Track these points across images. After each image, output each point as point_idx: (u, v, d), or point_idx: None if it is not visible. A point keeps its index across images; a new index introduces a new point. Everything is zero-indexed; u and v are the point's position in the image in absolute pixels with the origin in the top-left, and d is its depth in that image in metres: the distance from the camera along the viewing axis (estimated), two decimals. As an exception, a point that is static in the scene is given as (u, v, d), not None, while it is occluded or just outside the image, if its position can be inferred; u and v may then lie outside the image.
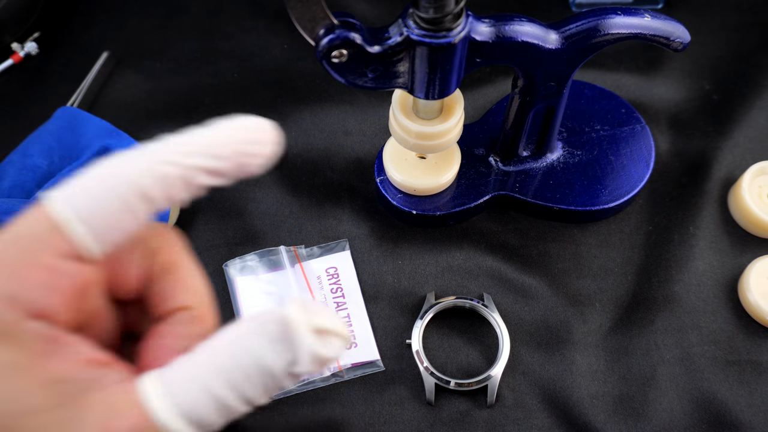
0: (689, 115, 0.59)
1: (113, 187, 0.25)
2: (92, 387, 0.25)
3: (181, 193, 0.26)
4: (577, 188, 0.53)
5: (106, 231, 0.26)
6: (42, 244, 0.25)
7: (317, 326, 0.25)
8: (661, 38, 0.43)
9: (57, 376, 0.25)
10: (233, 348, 0.25)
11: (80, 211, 0.25)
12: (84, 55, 0.61)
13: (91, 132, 0.54)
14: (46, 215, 0.25)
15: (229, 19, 0.64)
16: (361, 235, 0.53)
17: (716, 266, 0.52)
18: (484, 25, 0.41)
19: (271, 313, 0.25)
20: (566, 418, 0.47)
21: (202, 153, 0.26)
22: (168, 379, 0.25)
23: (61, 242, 0.25)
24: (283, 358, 0.25)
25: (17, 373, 0.24)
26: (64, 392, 0.25)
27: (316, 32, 0.39)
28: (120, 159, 0.26)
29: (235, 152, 0.27)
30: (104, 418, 0.25)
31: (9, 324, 0.25)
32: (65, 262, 0.25)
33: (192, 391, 0.25)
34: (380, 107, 0.59)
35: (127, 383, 0.26)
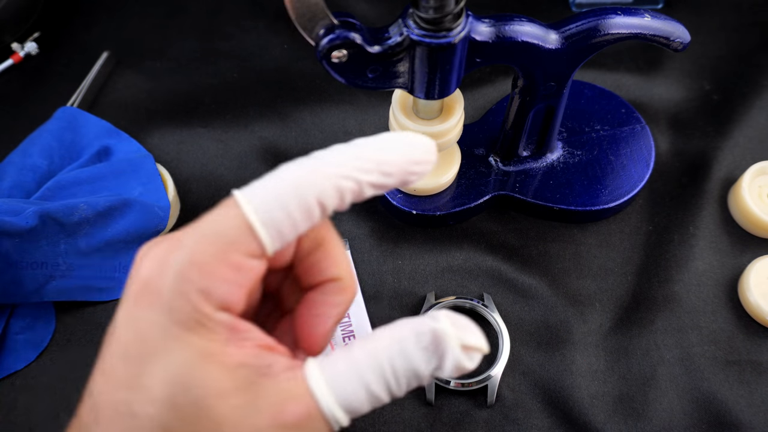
0: (689, 115, 0.59)
1: (299, 195, 0.28)
2: (266, 373, 0.28)
3: (349, 200, 0.29)
4: (577, 188, 0.53)
5: (285, 233, 0.28)
6: (234, 243, 0.28)
7: (465, 343, 0.28)
8: (661, 38, 0.43)
9: (238, 362, 0.28)
10: (390, 351, 0.28)
11: (268, 214, 0.28)
12: (84, 55, 0.61)
13: (91, 132, 0.54)
14: (240, 216, 0.28)
15: (229, 19, 0.64)
16: (361, 235, 0.53)
17: (716, 266, 0.52)
18: (484, 25, 0.41)
19: (426, 325, 0.28)
20: (566, 418, 0.47)
21: (377, 170, 0.29)
22: (330, 372, 0.28)
23: (250, 243, 0.28)
24: (431, 365, 0.28)
25: (209, 359, 0.27)
26: (244, 377, 0.28)
27: (315, 32, 0.39)
28: (306, 167, 0.28)
29: (402, 171, 0.29)
30: (278, 404, 0.28)
31: (204, 315, 0.27)
32: (250, 261, 0.28)
33: (351, 385, 0.28)
34: (380, 107, 0.59)
35: (295, 371, 0.29)
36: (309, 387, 0.28)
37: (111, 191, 0.51)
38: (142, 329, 0.27)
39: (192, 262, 0.27)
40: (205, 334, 0.27)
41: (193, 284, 0.27)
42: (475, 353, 0.29)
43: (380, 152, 0.29)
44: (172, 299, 0.27)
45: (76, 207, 0.48)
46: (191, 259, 0.27)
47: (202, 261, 0.27)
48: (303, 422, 0.28)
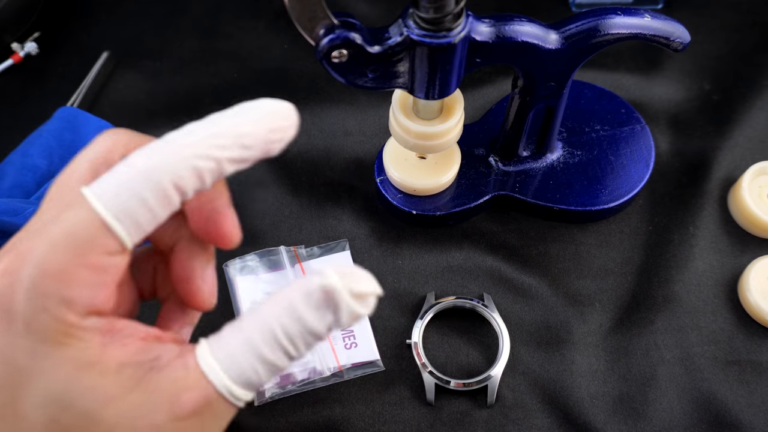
0: (689, 115, 0.59)
1: (153, 183, 0.26)
2: (155, 366, 0.27)
3: (210, 181, 0.27)
4: (577, 188, 0.53)
5: (143, 224, 0.27)
6: (90, 244, 0.26)
7: (356, 291, 0.27)
8: (661, 38, 0.43)
9: (121, 363, 0.27)
10: (281, 317, 0.27)
11: (121, 207, 0.26)
12: (84, 55, 0.61)
13: (91, 132, 0.54)
14: (91, 213, 0.26)
15: (229, 19, 0.64)
16: (361, 235, 0.53)
17: (716, 266, 0.52)
18: (484, 25, 0.41)
19: (314, 283, 0.27)
20: (566, 418, 0.47)
21: (233, 144, 0.27)
22: (222, 351, 0.27)
23: (106, 240, 0.26)
24: (326, 321, 0.27)
25: (86, 369, 0.26)
26: (130, 377, 0.27)
27: (316, 32, 0.39)
28: (156, 151, 0.26)
29: (262, 140, 0.28)
30: (172, 395, 0.27)
31: (71, 325, 0.26)
32: (110, 258, 0.27)
33: (247, 360, 0.27)
34: (380, 107, 0.59)
35: (185, 357, 0.27)
36: (202, 371, 0.27)
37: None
38: (6, 356, 0.25)
39: (45, 273, 0.25)
40: (77, 345, 0.26)
41: (52, 296, 0.25)
42: (369, 298, 0.28)
43: (236, 126, 0.27)
44: (31, 318, 0.25)
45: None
46: (44, 269, 0.25)
47: (57, 269, 0.25)
48: (202, 409, 0.27)
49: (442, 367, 0.49)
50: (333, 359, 0.48)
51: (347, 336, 0.49)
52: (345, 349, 0.49)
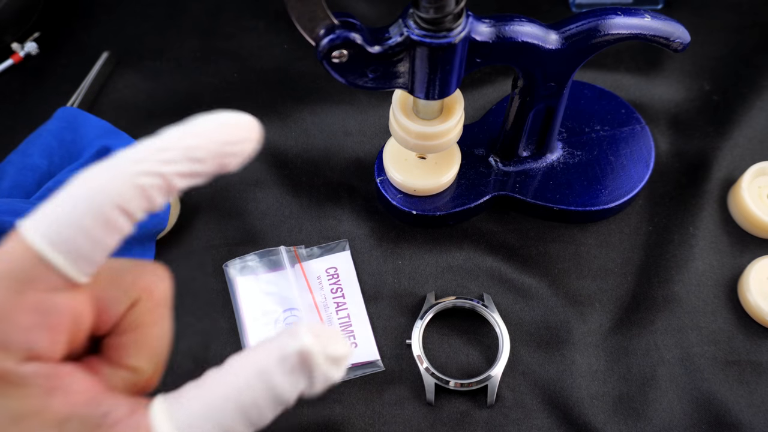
0: (689, 115, 0.59)
1: (93, 207, 0.24)
2: (101, 424, 0.25)
3: (160, 199, 0.25)
4: (577, 188, 0.53)
5: (89, 253, 0.24)
6: (26, 281, 0.24)
7: (331, 355, 0.26)
8: (661, 38, 0.43)
9: (64, 415, 0.24)
10: (253, 387, 0.25)
11: (59, 237, 0.24)
12: (84, 55, 0.61)
13: (91, 132, 0.54)
14: (26, 247, 0.24)
15: (229, 19, 0.64)
16: (361, 235, 0.53)
17: (716, 266, 0.53)
18: (484, 26, 0.41)
19: (290, 347, 0.25)
20: (566, 418, 0.47)
21: (182, 158, 0.25)
22: (180, 415, 0.25)
23: (46, 275, 0.24)
24: (299, 387, 0.26)
25: (24, 421, 0.24)
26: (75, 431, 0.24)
27: (316, 32, 0.39)
28: (95, 175, 0.24)
29: (215, 154, 0.26)
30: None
31: (6, 372, 0.24)
32: (53, 296, 0.24)
33: (205, 428, 0.25)
34: (380, 107, 0.59)
35: (136, 416, 0.25)
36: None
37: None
38: None
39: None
40: (14, 393, 0.23)
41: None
42: (342, 361, 0.26)
43: (184, 138, 0.25)
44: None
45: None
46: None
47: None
48: None
49: (442, 367, 0.49)
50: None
51: (347, 336, 0.49)
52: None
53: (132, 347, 0.27)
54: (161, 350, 0.28)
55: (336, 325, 0.50)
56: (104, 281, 0.27)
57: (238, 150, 0.26)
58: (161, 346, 0.28)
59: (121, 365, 0.27)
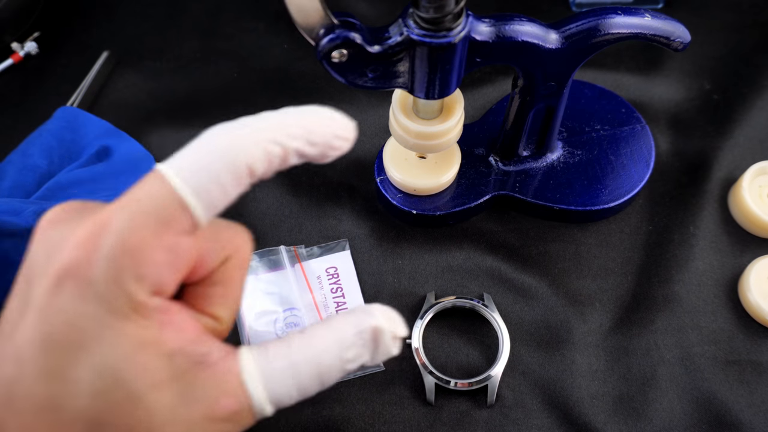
0: (689, 115, 0.59)
1: (230, 161, 0.27)
2: (202, 362, 0.27)
3: (276, 167, 0.28)
4: (577, 188, 0.53)
5: (215, 201, 0.27)
6: (168, 222, 0.26)
7: (396, 335, 0.30)
8: (661, 38, 0.43)
9: (175, 349, 0.27)
10: (331, 353, 0.29)
11: (197, 185, 0.26)
12: (84, 55, 0.61)
13: (91, 132, 0.54)
14: (170, 190, 0.26)
15: (229, 19, 0.64)
16: (361, 235, 0.53)
17: (716, 266, 0.52)
18: (484, 25, 0.41)
19: (367, 322, 0.29)
20: (566, 418, 0.47)
21: (303, 137, 0.28)
22: (266, 367, 0.28)
23: (182, 219, 0.27)
24: (365, 358, 0.30)
25: (145, 348, 0.26)
26: (179, 366, 0.27)
27: (316, 32, 0.39)
28: (231, 132, 0.27)
29: (326, 142, 0.29)
30: (212, 397, 0.27)
31: (139, 302, 0.26)
32: (183, 239, 0.27)
33: (287, 384, 0.28)
34: (380, 107, 0.59)
35: (230, 361, 0.28)
36: (244, 383, 0.28)
37: (111, 191, 0.51)
38: (72, 320, 0.26)
39: (125, 248, 0.26)
40: (140, 322, 0.26)
41: (128, 271, 0.26)
42: (399, 342, 0.30)
43: (307, 121, 0.28)
44: (105, 288, 0.26)
45: (76, 207, 0.48)
46: (124, 243, 0.26)
47: (136, 246, 0.26)
48: (234, 416, 0.28)
49: (442, 367, 0.49)
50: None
51: (347, 336, 0.49)
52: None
53: (219, 298, 0.30)
54: (238, 304, 0.31)
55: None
56: (206, 234, 0.29)
57: (340, 145, 0.29)
58: (239, 300, 0.31)
59: (206, 313, 0.30)
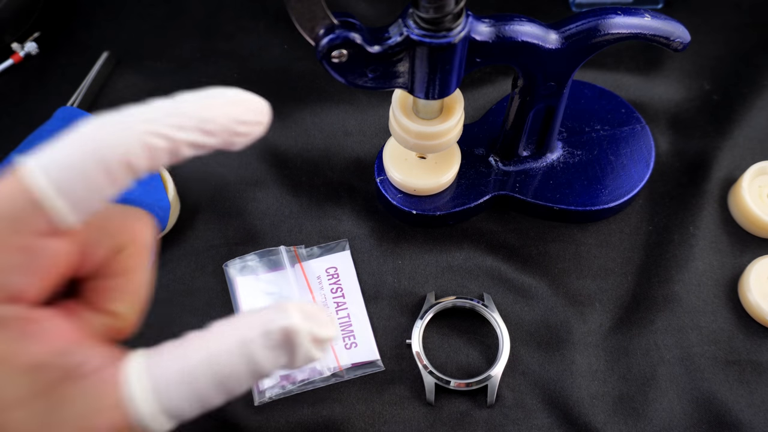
0: (689, 115, 0.59)
1: (98, 157, 0.23)
2: (72, 375, 0.24)
3: (163, 162, 0.25)
4: (577, 188, 0.53)
5: (86, 200, 0.24)
6: (19, 223, 0.23)
7: (317, 336, 0.25)
8: (661, 38, 0.43)
9: (37, 363, 0.23)
10: (233, 356, 0.25)
11: (61, 182, 0.23)
12: (84, 55, 0.61)
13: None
14: (25, 189, 0.23)
15: (229, 19, 0.64)
16: (361, 235, 0.53)
17: (716, 266, 0.52)
18: (484, 25, 0.41)
19: (276, 323, 0.25)
20: (566, 418, 0.47)
21: (194, 128, 0.25)
22: (156, 375, 0.24)
23: (39, 220, 0.23)
24: (279, 362, 0.25)
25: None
26: (43, 381, 0.23)
27: (316, 32, 0.39)
28: (104, 124, 0.24)
29: (225, 129, 0.26)
30: (84, 415, 0.23)
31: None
32: (42, 240, 0.24)
33: (181, 392, 0.24)
34: (380, 107, 0.59)
35: (111, 370, 0.24)
36: (129, 394, 0.24)
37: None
38: None
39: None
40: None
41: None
42: (326, 344, 0.26)
43: (201, 109, 0.25)
44: None
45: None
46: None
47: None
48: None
49: (442, 367, 0.49)
50: (333, 359, 0.48)
51: (347, 336, 0.49)
52: (345, 349, 0.49)
53: (115, 292, 0.27)
54: (142, 296, 0.28)
55: (336, 324, 0.50)
56: (91, 225, 0.26)
57: (247, 131, 0.26)
58: (143, 292, 0.28)
59: (103, 310, 0.27)
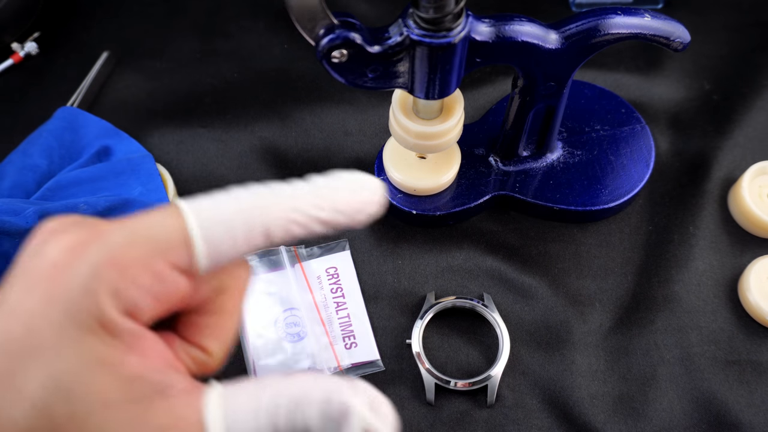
0: (689, 115, 0.59)
1: (245, 219, 0.26)
2: (163, 391, 0.26)
3: (297, 236, 0.28)
4: (577, 188, 0.53)
5: (222, 254, 0.27)
6: (164, 252, 0.26)
7: (369, 428, 0.27)
8: (661, 38, 0.43)
9: (137, 374, 0.26)
10: (291, 407, 0.27)
11: (208, 231, 0.26)
12: (84, 55, 0.61)
13: (91, 132, 0.54)
14: (181, 225, 0.26)
15: (229, 19, 0.64)
16: (361, 235, 0.53)
17: (716, 266, 0.52)
18: (484, 25, 0.41)
19: (340, 395, 0.27)
20: (566, 418, 0.47)
21: (330, 208, 0.28)
22: (230, 408, 0.27)
23: (180, 254, 0.26)
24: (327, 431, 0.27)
25: (103, 366, 0.25)
26: (138, 391, 0.26)
27: (316, 32, 0.39)
28: (259, 193, 0.27)
29: (354, 210, 0.28)
30: (166, 427, 0.26)
31: (108, 319, 0.25)
32: (174, 273, 0.26)
33: (247, 428, 0.26)
34: (380, 107, 0.59)
35: (192, 396, 0.27)
36: (203, 419, 0.26)
37: (111, 191, 0.51)
38: (33, 323, 0.25)
39: (112, 261, 0.25)
40: (105, 339, 0.25)
41: (106, 284, 0.25)
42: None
43: (335, 190, 0.28)
44: (78, 296, 0.25)
45: (76, 207, 0.48)
46: (112, 256, 0.25)
47: (124, 261, 0.25)
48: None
49: (442, 367, 0.49)
50: (333, 359, 0.48)
51: (347, 336, 0.49)
52: (345, 349, 0.49)
53: (211, 329, 0.29)
54: (232, 338, 0.30)
55: (336, 324, 0.50)
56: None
57: (369, 211, 0.29)
58: (234, 334, 0.30)
59: (196, 344, 0.29)
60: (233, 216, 0.27)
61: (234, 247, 0.27)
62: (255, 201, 0.27)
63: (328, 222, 0.28)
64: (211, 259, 0.27)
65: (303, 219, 0.27)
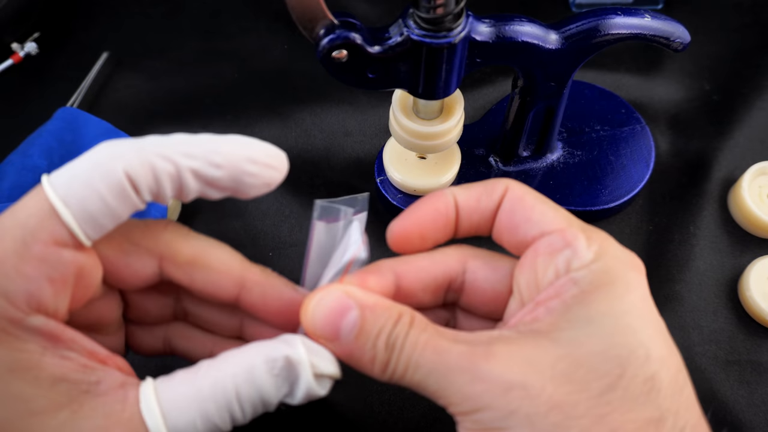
0: (689, 115, 0.59)
1: (103, 170, 0.25)
2: (91, 390, 0.25)
3: (167, 186, 0.26)
4: (577, 188, 0.53)
5: (98, 215, 0.25)
6: (36, 232, 0.25)
7: (318, 371, 0.27)
8: (661, 38, 0.43)
9: (57, 376, 0.24)
10: (237, 379, 0.26)
11: (73, 196, 0.25)
12: (84, 55, 0.61)
13: (91, 132, 0.54)
14: (42, 200, 0.25)
15: (229, 19, 0.64)
16: (361, 235, 0.53)
17: (717, 266, 0.52)
18: (484, 26, 0.41)
19: (279, 351, 0.26)
20: (566, 418, 0.47)
21: (200, 157, 0.26)
22: (168, 398, 0.26)
23: (54, 229, 0.25)
24: (281, 392, 0.27)
25: (21, 373, 0.24)
26: (64, 393, 0.24)
27: (316, 32, 0.39)
28: (116, 144, 0.26)
29: (233, 166, 0.27)
30: (102, 427, 0.24)
31: (10, 321, 0.24)
32: (58, 251, 0.25)
33: (190, 414, 0.25)
34: (380, 107, 0.59)
35: (126, 390, 0.26)
36: (140, 412, 0.25)
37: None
38: None
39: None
40: (13, 344, 0.24)
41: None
42: (326, 380, 0.27)
43: (212, 141, 0.26)
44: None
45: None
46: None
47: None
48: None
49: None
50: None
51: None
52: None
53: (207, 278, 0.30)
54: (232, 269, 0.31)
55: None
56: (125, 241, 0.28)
57: (258, 172, 0.27)
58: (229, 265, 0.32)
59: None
60: (90, 171, 0.25)
61: (104, 204, 0.25)
62: (113, 152, 0.25)
63: (203, 174, 0.26)
64: (89, 220, 0.25)
65: (168, 166, 0.26)
